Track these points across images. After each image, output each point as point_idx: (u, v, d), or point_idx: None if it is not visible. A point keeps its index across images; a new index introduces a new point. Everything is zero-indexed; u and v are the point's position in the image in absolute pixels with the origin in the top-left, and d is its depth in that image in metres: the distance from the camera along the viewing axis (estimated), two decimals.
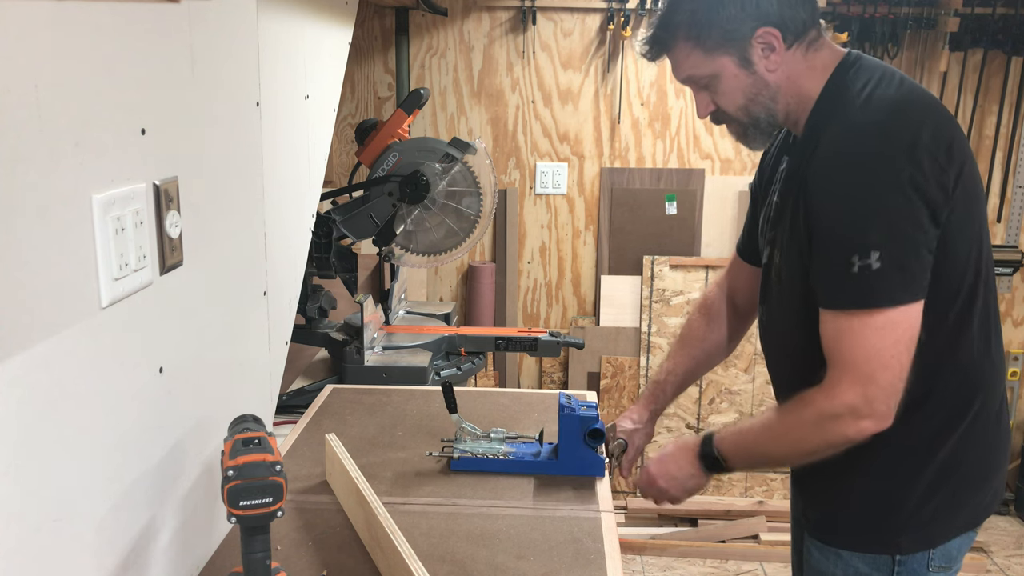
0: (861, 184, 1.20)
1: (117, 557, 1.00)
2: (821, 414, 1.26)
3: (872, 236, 1.18)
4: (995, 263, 3.57)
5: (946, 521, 1.35)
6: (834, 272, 1.23)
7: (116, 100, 0.94)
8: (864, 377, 1.22)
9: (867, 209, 1.19)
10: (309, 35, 1.79)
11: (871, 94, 1.24)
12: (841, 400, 1.24)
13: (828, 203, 1.23)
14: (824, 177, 1.24)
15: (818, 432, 1.27)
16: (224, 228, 1.27)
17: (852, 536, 1.38)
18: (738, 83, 1.32)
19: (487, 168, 2.28)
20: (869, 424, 1.23)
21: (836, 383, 1.25)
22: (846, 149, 1.22)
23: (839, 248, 1.21)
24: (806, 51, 1.31)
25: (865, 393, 1.22)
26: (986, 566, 3.22)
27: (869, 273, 1.19)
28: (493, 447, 1.54)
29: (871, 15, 3.20)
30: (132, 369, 1.01)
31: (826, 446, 1.29)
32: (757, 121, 1.36)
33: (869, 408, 1.22)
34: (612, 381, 3.55)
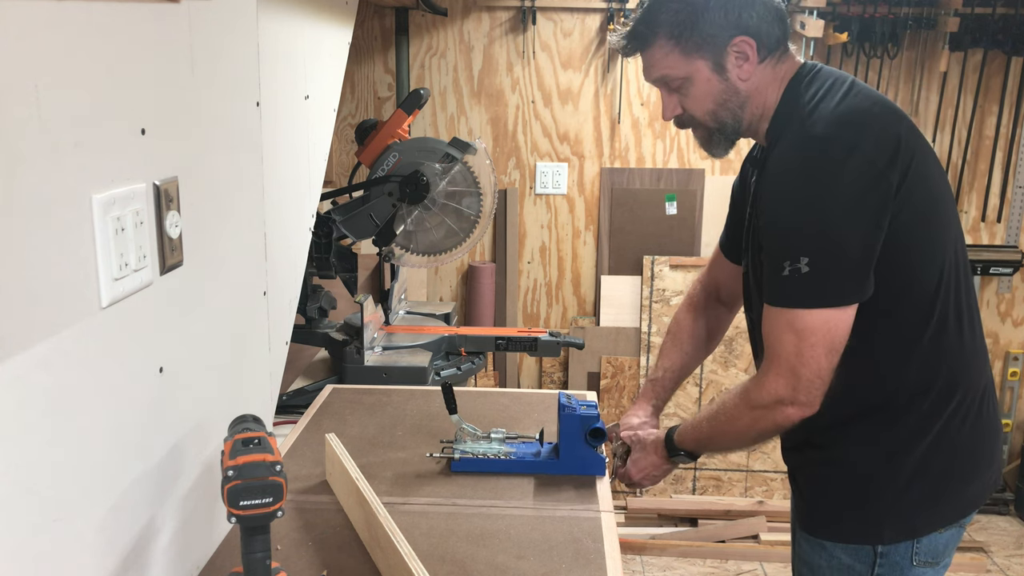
0: (798, 193, 1.26)
1: (117, 557, 1.00)
2: (751, 403, 1.36)
3: (802, 243, 1.25)
4: (995, 263, 3.59)
5: (930, 512, 1.37)
6: (770, 271, 1.30)
7: (116, 100, 0.94)
8: (787, 370, 1.30)
9: (801, 218, 1.25)
10: (309, 35, 1.79)
11: (816, 106, 1.30)
12: (767, 389, 1.32)
13: (771, 209, 1.30)
14: (769, 185, 1.31)
15: (753, 420, 1.36)
16: (224, 228, 1.27)
17: (833, 527, 1.42)
18: (710, 88, 1.36)
19: (487, 168, 2.28)
20: (794, 411, 1.32)
21: (765, 373, 1.33)
22: (788, 161, 1.28)
23: (776, 250, 1.28)
24: (775, 64, 1.37)
25: (788, 383, 1.30)
26: (986, 566, 3.22)
27: (798, 277, 1.25)
28: (493, 447, 1.54)
29: (871, 15, 3.20)
30: (132, 369, 1.01)
31: (762, 432, 1.38)
32: (723, 127, 1.40)
33: (792, 397, 1.30)
34: (612, 381, 3.55)
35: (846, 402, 1.34)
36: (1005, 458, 3.68)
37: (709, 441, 1.50)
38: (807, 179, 1.26)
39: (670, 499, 3.53)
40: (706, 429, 1.49)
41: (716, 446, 1.54)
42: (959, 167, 3.44)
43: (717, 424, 1.46)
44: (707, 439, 1.50)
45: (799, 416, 1.32)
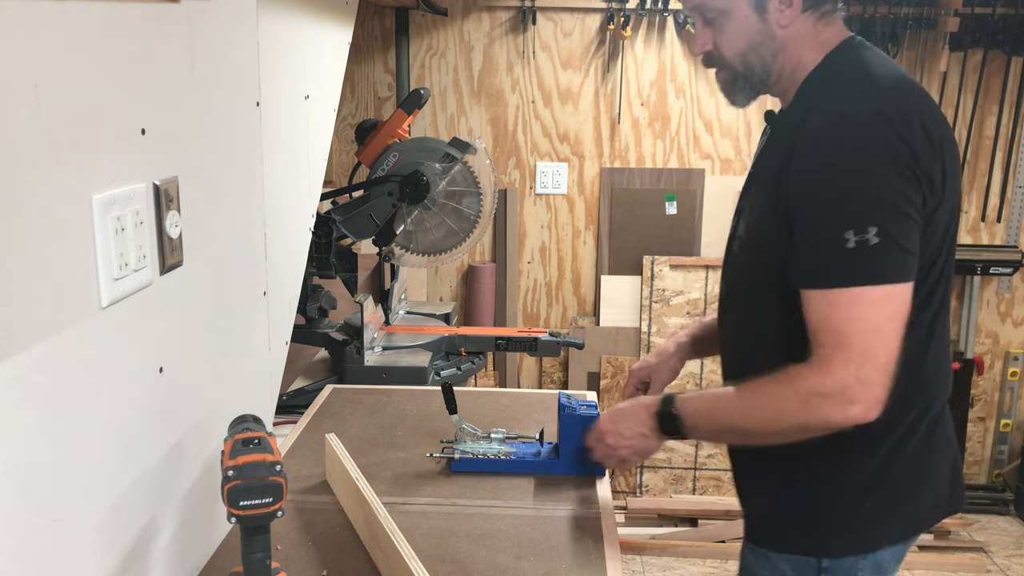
0: (859, 159, 1.16)
1: (117, 557, 1.00)
2: (810, 391, 1.18)
3: (870, 211, 1.14)
4: (995, 263, 3.60)
5: (878, 527, 1.31)
6: (825, 247, 1.16)
7: (116, 100, 0.94)
8: (860, 354, 1.15)
9: (865, 184, 1.15)
10: (309, 35, 1.79)
11: (872, 74, 1.22)
12: (835, 377, 1.15)
13: (821, 179, 1.18)
14: (817, 151, 1.19)
15: (800, 409, 1.19)
16: (224, 228, 1.27)
17: (779, 537, 1.34)
18: (746, 27, 1.27)
19: (487, 168, 2.28)
20: (858, 411, 1.15)
21: (828, 360, 1.16)
22: (843, 124, 1.18)
23: (833, 222, 1.15)
24: (816, 21, 1.28)
25: (859, 373, 1.14)
26: (986, 566, 3.22)
27: (867, 248, 1.14)
28: (493, 447, 1.54)
29: (871, 15, 3.20)
30: (132, 369, 1.01)
31: (800, 427, 1.21)
32: (751, 73, 1.31)
33: (863, 390, 1.15)
34: (612, 381, 3.54)
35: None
36: (1004, 457, 3.68)
37: (719, 415, 1.30)
38: (871, 146, 1.15)
39: (670, 499, 3.53)
40: (719, 404, 1.30)
41: (724, 426, 1.31)
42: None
43: (742, 403, 1.26)
44: (717, 412, 1.30)
45: (861, 418, 1.16)
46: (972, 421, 3.62)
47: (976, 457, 3.68)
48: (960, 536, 3.40)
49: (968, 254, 3.45)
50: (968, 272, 3.47)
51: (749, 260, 1.32)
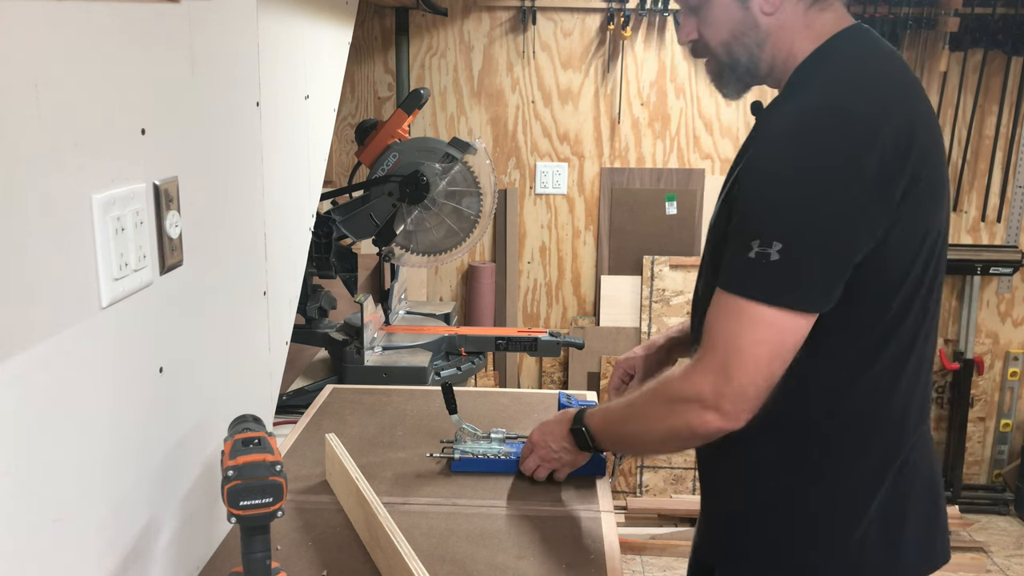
0: (793, 171, 1.08)
1: (117, 557, 1.00)
2: (669, 393, 1.19)
3: (780, 227, 1.08)
4: (995, 263, 3.60)
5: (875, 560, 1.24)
6: (733, 250, 1.12)
7: (116, 100, 0.94)
8: (718, 366, 1.12)
9: (788, 199, 1.08)
10: (309, 35, 1.79)
11: (856, 70, 1.15)
12: (691, 384, 1.15)
13: (752, 180, 1.13)
14: (760, 153, 1.14)
15: (667, 415, 1.19)
16: (224, 228, 1.27)
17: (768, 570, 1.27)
18: (727, 14, 1.21)
19: (487, 168, 2.28)
20: (714, 419, 1.13)
21: (694, 366, 1.16)
22: (794, 125, 1.11)
23: (745, 229, 1.11)
24: (808, 8, 1.19)
25: (715, 384, 1.12)
26: (986, 566, 3.22)
27: (764, 263, 1.08)
28: (493, 447, 1.54)
29: (871, 15, 3.20)
30: (132, 369, 1.01)
31: (671, 433, 1.19)
32: (736, 64, 1.23)
33: (715, 401, 1.12)
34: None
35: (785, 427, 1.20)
36: (1004, 457, 3.68)
37: (617, 426, 1.32)
38: (802, 153, 1.08)
39: (670, 499, 3.53)
40: (617, 415, 1.32)
41: (621, 437, 1.34)
42: (959, 167, 3.44)
43: (630, 411, 1.28)
44: (615, 424, 1.32)
45: (717, 426, 1.13)
46: (972, 421, 3.62)
47: (976, 457, 3.68)
48: (960, 536, 3.41)
49: (968, 254, 3.45)
50: (968, 272, 3.47)
51: (709, 262, 1.27)
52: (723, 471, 1.32)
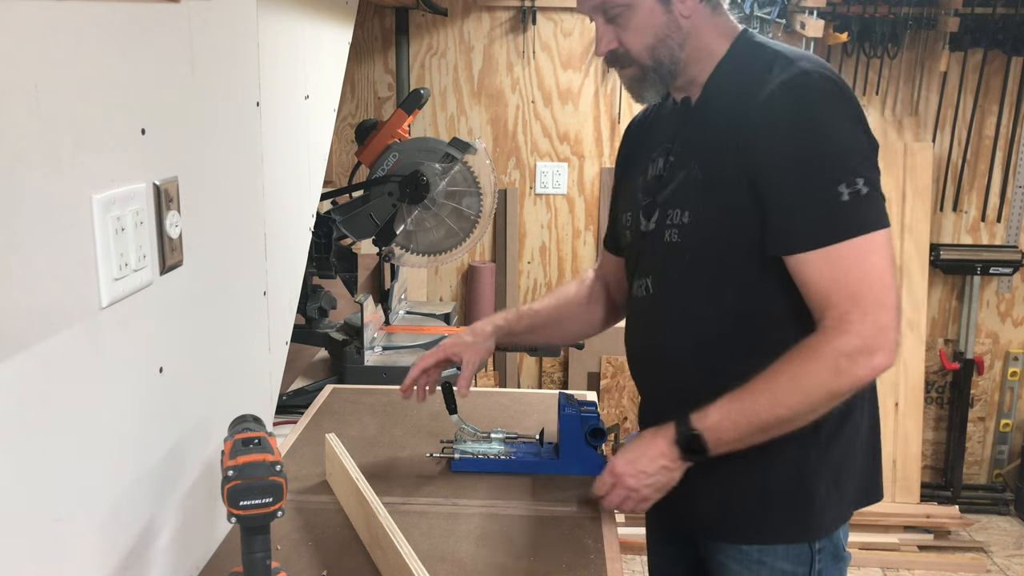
0: (827, 118, 1.19)
1: (117, 557, 1.00)
2: (837, 354, 1.16)
3: (855, 163, 1.17)
4: (995, 263, 3.60)
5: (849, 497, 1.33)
6: (821, 207, 1.17)
7: (116, 100, 0.94)
8: (874, 304, 1.15)
9: (845, 139, 1.19)
10: (309, 35, 1.79)
11: (795, 53, 1.26)
12: (856, 333, 1.15)
13: (798, 140, 1.19)
14: (780, 121, 1.19)
15: (832, 377, 1.16)
16: (224, 228, 1.27)
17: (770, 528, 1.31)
18: (652, 19, 1.26)
19: (487, 168, 2.28)
20: (882, 359, 1.15)
21: (845, 318, 1.16)
22: (801, 92, 1.20)
23: (822, 181, 1.17)
24: (712, 11, 1.30)
25: (877, 321, 1.15)
26: (986, 566, 3.22)
27: (860, 198, 1.16)
28: (493, 447, 1.54)
29: (871, 15, 3.20)
30: (132, 369, 1.01)
31: (831, 395, 1.18)
32: (660, 65, 1.29)
33: (883, 338, 1.15)
34: (612, 381, 3.54)
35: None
36: (1005, 457, 3.68)
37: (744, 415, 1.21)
38: (833, 105, 1.20)
39: None
40: (741, 404, 1.21)
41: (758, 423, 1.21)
42: (959, 167, 3.44)
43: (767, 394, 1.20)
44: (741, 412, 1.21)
45: (884, 366, 1.16)
46: (972, 421, 3.62)
47: (976, 457, 3.68)
48: (960, 536, 3.41)
49: (968, 254, 3.45)
50: (968, 272, 3.47)
51: (702, 245, 1.28)
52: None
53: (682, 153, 1.32)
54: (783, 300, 1.25)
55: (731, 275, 1.27)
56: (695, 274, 1.30)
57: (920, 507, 3.40)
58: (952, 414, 3.62)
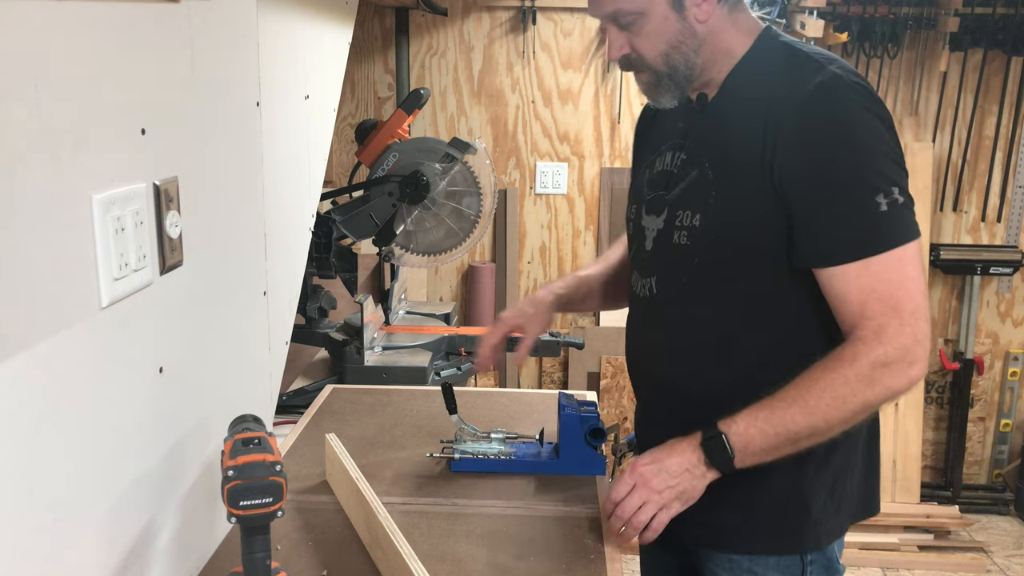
0: (862, 127, 1.16)
1: (117, 557, 1.00)
2: (874, 364, 1.14)
3: (891, 171, 1.16)
4: (995, 263, 3.61)
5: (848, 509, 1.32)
6: (859, 218, 1.15)
7: (116, 100, 0.94)
8: (911, 314, 1.14)
9: (881, 146, 1.16)
10: (309, 35, 1.79)
11: (826, 56, 1.22)
12: (895, 344, 1.13)
13: (834, 149, 1.16)
14: (814, 126, 1.17)
15: (867, 387, 1.14)
16: (224, 228, 1.27)
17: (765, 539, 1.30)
18: (666, 26, 1.23)
19: (487, 168, 2.28)
20: (919, 370, 1.15)
21: (884, 329, 1.14)
22: (834, 97, 1.17)
23: (861, 190, 1.15)
24: (731, 10, 1.26)
25: (915, 333, 1.14)
26: (986, 566, 3.22)
27: (897, 208, 1.14)
28: (493, 447, 1.54)
29: (871, 15, 3.20)
30: (132, 369, 1.01)
31: (865, 406, 1.16)
32: (675, 72, 1.26)
33: (921, 349, 1.14)
34: (612, 381, 3.54)
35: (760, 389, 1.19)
36: (1005, 457, 3.68)
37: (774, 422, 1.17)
38: (871, 109, 1.17)
39: None
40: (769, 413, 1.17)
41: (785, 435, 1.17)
42: (959, 167, 3.44)
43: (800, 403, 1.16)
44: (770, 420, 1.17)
45: (920, 376, 1.16)
46: (972, 421, 3.62)
47: (976, 457, 3.68)
48: (960, 536, 3.41)
49: (968, 254, 3.45)
50: (968, 272, 3.47)
51: (715, 247, 1.26)
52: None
53: (695, 151, 1.30)
54: (794, 310, 1.24)
55: (741, 282, 1.25)
56: (703, 278, 1.28)
57: (920, 507, 3.40)
58: (952, 414, 3.62)
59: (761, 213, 1.21)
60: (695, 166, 1.29)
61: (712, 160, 1.27)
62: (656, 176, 1.37)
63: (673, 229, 1.30)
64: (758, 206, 1.21)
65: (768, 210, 1.20)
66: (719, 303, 1.28)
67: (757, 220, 1.21)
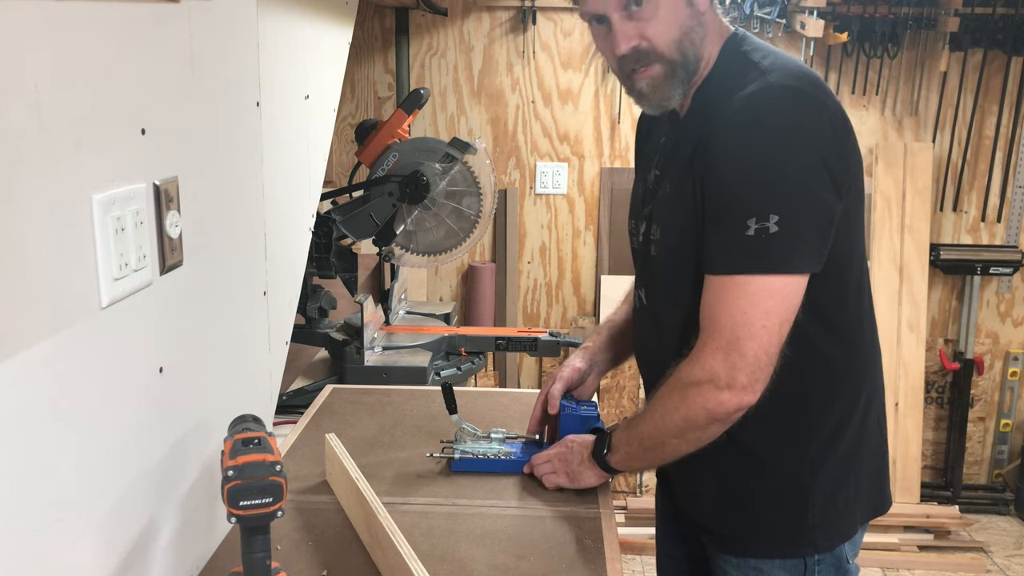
0: (769, 147, 1.13)
1: (117, 557, 1.00)
2: (683, 381, 1.19)
3: (775, 199, 1.12)
4: (995, 263, 3.62)
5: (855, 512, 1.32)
6: (727, 235, 1.15)
7: (116, 100, 0.94)
8: (727, 344, 1.14)
9: (773, 172, 1.12)
10: (309, 35, 1.79)
11: (775, 63, 1.20)
12: (702, 366, 1.16)
13: (731, 165, 1.15)
14: (729, 139, 1.16)
15: (681, 403, 1.20)
16: (224, 228, 1.27)
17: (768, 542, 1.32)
18: (678, 12, 1.21)
19: (487, 168, 2.28)
20: (729, 397, 1.15)
21: (701, 349, 1.18)
22: (756, 112, 1.15)
23: (738, 210, 1.13)
24: (714, 13, 1.26)
25: (727, 360, 1.14)
26: (986, 566, 3.22)
27: (765, 237, 1.12)
28: (493, 447, 1.54)
29: (871, 15, 3.20)
30: (132, 369, 1.01)
31: (687, 422, 1.20)
32: (686, 61, 1.23)
33: (730, 377, 1.14)
34: (612, 381, 3.54)
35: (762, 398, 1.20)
36: (1005, 457, 3.68)
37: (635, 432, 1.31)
38: (781, 130, 1.13)
39: None
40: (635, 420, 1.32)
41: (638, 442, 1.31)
42: (959, 167, 3.44)
43: (647, 413, 1.28)
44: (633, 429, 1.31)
45: (734, 404, 1.16)
46: (972, 421, 3.62)
47: (976, 457, 3.68)
48: (960, 536, 3.41)
49: (968, 254, 3.45)
50: (968, 272, 3.47)
51: (671, 266, 1.28)
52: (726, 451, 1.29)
53: (665, 168, 1.32)
54: None
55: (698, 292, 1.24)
56: (674, 290, 1.29)
57: (920, 507, 3.40)
58: (952, 414, 3.62)
59: (695, 225, 1.21)
60: (662, 182, 1.31)
61: (671, 178, 1.28)
62: (642, 190, 1.40)
63: (650, 242, 1.33)
64: (693, 217, 1.21)
65: (697, 221, 1.21)
66: (689, 315, 1.27)
67: (696, 239, 1.21)
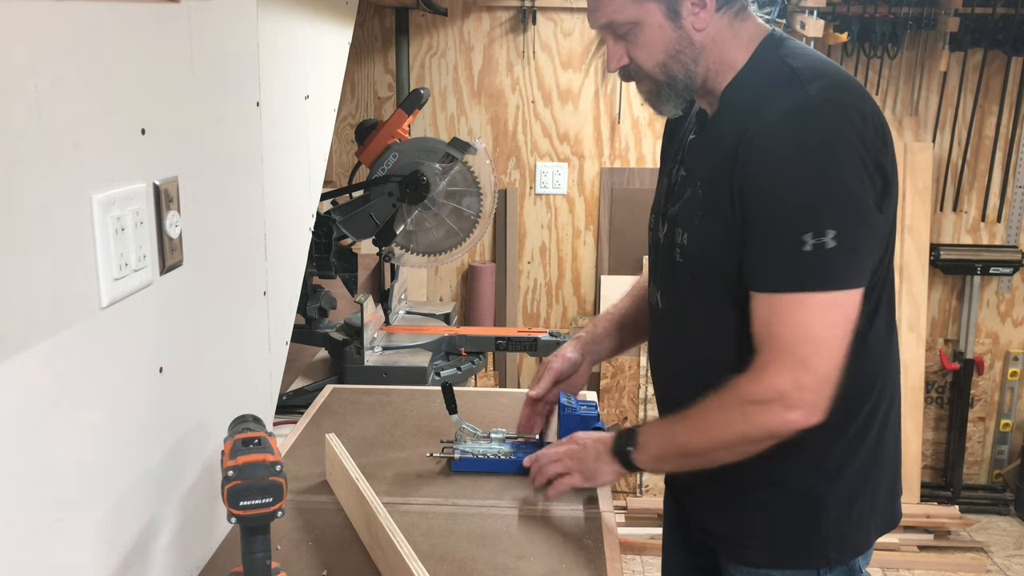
0: (819, 160, 1.11)
1: (117, 557, 1.00)
2: (744, 398, 1.16)
3: (831, 214, 1.10)
4: (995, 263, 3.62)
5: (869, 525, 1.31)
6: (781, 251, 1.13)
7: (116, 100, 0.94)
8: (796, 361, 1.12)
9: (826, 186, 1.11)
10: (309, 35, 1.79)
11: (814, 70, 1.17)
12: (769, 384, 1.14)
13: (779, 179, 1.13)
14: (774, 152, 1.14)
15: (740, 419, 1.17)
16: (224, 228, 1.27)
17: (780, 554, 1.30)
18: (662, 36, 1.21)
19: (487, 168, 2.28)
20: (797, 416, 1.13)
21: (764, 367, 1.15)
22: (801, 124, 1.13)
23: (791, 226, 1.12)
24: (732, 19, 1.22)
25: (796, 379, 1.12)
26: (986, 566, 3.22)
27: (823, 252, 1.10)
28: (493, 447, 1.54)
29: (871, 15, 3.20)
30: (132, 369, 1.01)
31: (743, 438, 1.18)
32: (674, 81, 1.24)
33: (799, 396, 1.13)
34: (612, 381, 3.55)
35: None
36: (1005, 457, 3.68)
37: (670, 436, 1.27)
38: (829, 144, 1.11)
39: None
40: (670, 426, 1.28)
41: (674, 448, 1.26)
42: (959, 167, 3.44)
43: (688, 420, 1.24)
44: (668, 433, 1.28)
45: (801, 423, 1.14)
46: (972, 421, 3.62)
47: (976, 457, 3.68)
48: (960, 536, 3.41)
49: (968, 254, 3.45)
50: (968, 272, 3.47)
51: (700, 268, 1.26)
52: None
53: (692, 168, 1.29)
54: None
55: (731, 299, 1.23)
56: (696, 296, 1.28)
57: (920, 507, 3.40)
58: (952, 414, 3.62)
59: (728, 235, 1.19)
60: (690, 184, 1.28)
61: (703, 180, 1.25)
62: (667, 188, 1.37)
63: (673, 245, 1.30)
64: (727, 227, 1.19)
65: (733, 232, 1.19)
66: (711, 321, 1.26)
67: (737, 239, 1.19)
